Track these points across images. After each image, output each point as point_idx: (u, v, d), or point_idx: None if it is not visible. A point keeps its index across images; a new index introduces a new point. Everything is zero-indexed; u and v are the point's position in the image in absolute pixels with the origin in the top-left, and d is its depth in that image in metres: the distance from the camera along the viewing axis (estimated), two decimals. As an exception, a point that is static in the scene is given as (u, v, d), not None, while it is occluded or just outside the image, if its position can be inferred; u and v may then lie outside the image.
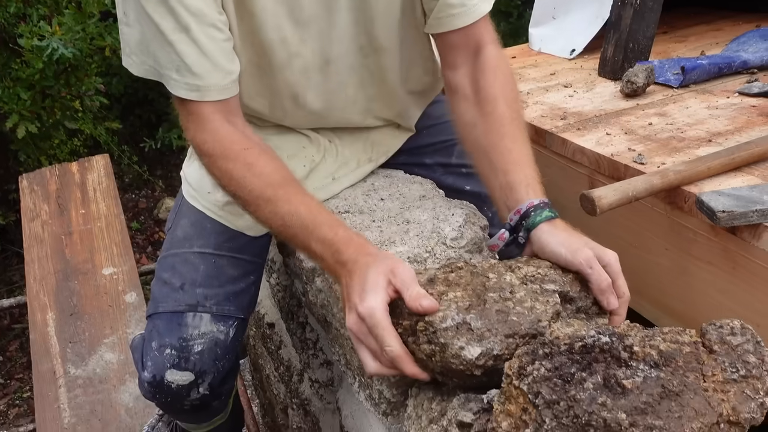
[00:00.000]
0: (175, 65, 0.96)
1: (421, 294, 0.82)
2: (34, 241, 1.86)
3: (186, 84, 0.97)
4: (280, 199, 0.95)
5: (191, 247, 1.16)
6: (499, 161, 1.01)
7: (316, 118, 1.17)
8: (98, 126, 3.22)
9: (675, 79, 1.59)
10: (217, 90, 0.98)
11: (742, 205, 1.03)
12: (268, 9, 1.00)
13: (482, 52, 1.07)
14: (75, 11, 2.64)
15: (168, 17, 0.93)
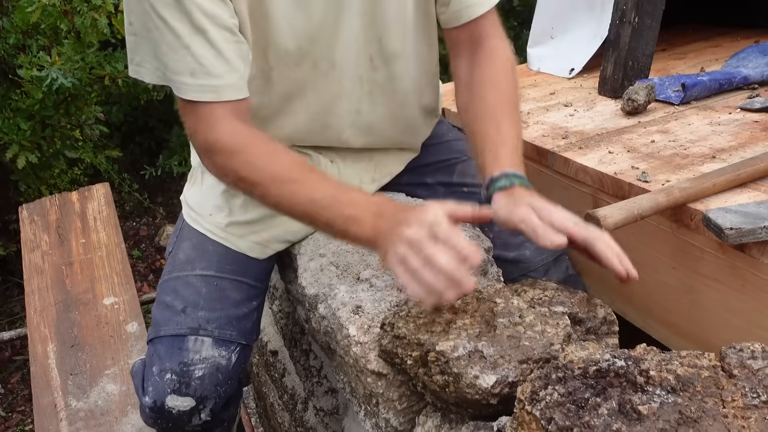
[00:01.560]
0: (190, 69, 0.96)
1: None
2: (34, 272, 1.84)
3: (200, 86, 0.96)
4: (307, 178, 0.96)
5: (193, 269, 1.15)
6: (479, 144, 1.06)
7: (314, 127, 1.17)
8: (98, 154, 3.22)
9: (676, 96, 1.59)
10: (232, 90, 0.99)
11: (750, 221, 1.01)
12: (282, 11, 1.01)
13: (486, 42, 1.13)
14: (74, 41, 2.65)
15: (183, 20, 0.94)
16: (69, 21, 2.60)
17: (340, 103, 1.14)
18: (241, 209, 1.18)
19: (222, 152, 0.98)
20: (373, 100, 1.17)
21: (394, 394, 0.94)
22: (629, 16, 1.66)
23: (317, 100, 1.13)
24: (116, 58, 2.85)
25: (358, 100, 1.15)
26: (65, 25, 2.62)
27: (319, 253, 1.16)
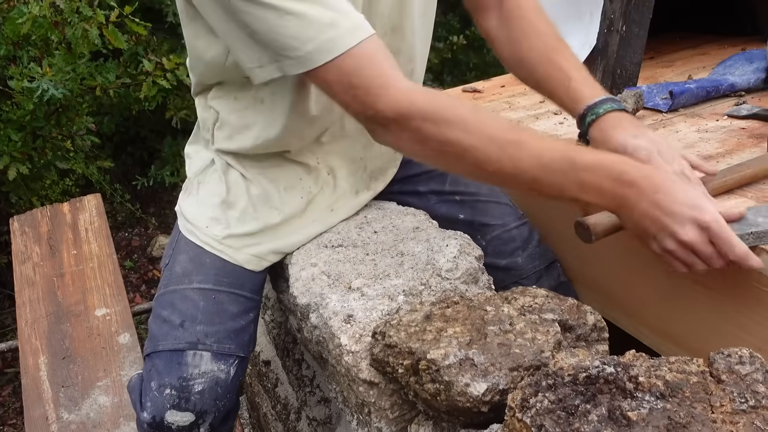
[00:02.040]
0: (308, 35, 0.87)
1: None
2: (25, 284, 1.83)
3: (330, 41, 0.86)
4: (527, 137, 0.88)
5: (190, 282, 1.14)
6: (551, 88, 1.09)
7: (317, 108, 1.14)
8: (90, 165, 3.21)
9: (664, 104, 1.60)
10: (365, 26, 0.90)
11: (737, 227, 1.02)
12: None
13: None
14: (65, 52, 2.65)
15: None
16: (60, 32, 2.60)
17: None
18: (238, 222, 1.18)
19: (414, 114, 0.87)
20: None
21: (386, 403, 0.94)
22: (617, 24, 1.68)
23: None
24: (107, 68, 2.85)
25: None
26: (56, 36, 2.62)
27: (310, 262, 1.16)
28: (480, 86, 2.04)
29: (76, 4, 2.54)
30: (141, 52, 2.94)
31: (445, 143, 0.88)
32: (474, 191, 1.33)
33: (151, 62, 2.77)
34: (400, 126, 0.89)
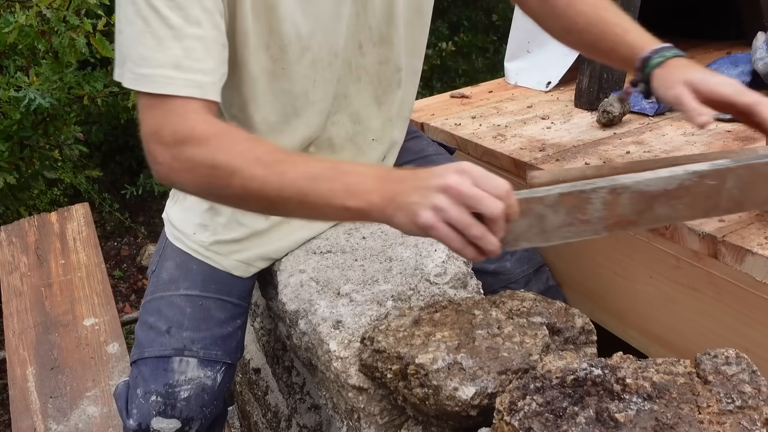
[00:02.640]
0: (176, 62, 0.89)
1: None
2: (12, 295, 1.82)
3: (186, 80, 0.90)
4: (296, 157, 0.89)
5: (177, 289, 1.14)
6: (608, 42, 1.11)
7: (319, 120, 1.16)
8: (78, 175, 3.20)
9: (650, 108, 1.61)
10: (214, 90, 0.93)
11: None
12: (287, 4, 1.00)
13: None
14: (52, 61, 2.64)
15: (179, 11, 0.89)
16: (47, 41, 2.59)
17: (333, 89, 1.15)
18: (225, 228, 1.18)
19: (195, 141, 0.88)
20: (360, 86, 1.17)
21: (375, 409, 0.94)
22: (603, 29, 1.69)
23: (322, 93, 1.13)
24: (95, 77, 2.84)
25: (346, 85, 1.16)
26: (43, 45, 2.61)
27: (299, 268, 1.16)
28: (468, 92, 2.05)
29: (62, 13, 2.53)
30: (129, 60, 2.93)
31: (213, 167, 0.87)
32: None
33: (139, 71, 2.76)
34: (176, 150, 0.90)
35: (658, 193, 0.89)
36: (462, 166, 0.80)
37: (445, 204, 0.77)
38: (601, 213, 0.88)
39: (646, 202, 0.89)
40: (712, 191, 0.91)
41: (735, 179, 0.91)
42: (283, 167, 0.86)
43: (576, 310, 0.96)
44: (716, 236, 1.06)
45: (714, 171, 0.90)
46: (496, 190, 0.78)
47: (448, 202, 0.77)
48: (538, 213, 0.86)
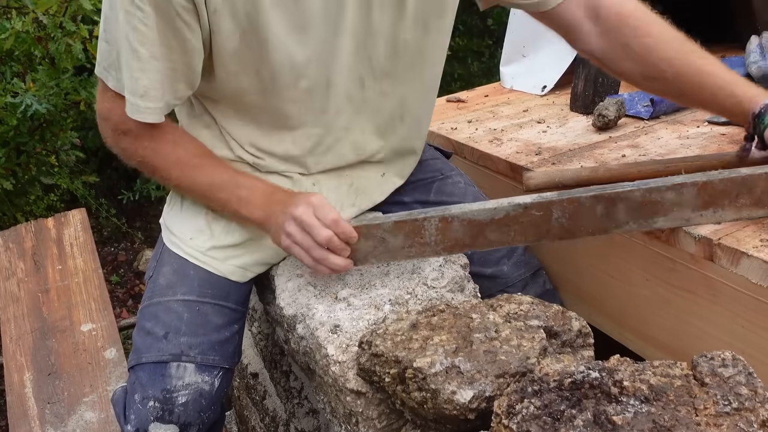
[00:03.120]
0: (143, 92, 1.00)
1: None
2: (10, 300, 1.82)
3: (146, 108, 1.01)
4: (207, 163, 1.08)
5: (174, 294, 1.14)
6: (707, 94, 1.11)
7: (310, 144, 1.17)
8: (75, 180, 3.19)
9: (645, 111, 1.62)
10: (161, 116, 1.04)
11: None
12: (280, 35, 1.00)
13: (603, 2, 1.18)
14: (48, 67, 2.64)
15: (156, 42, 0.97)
16: (43, 47, 2.59)
17: (333, 120, 1.14)
18: (222, 233, 1.18)
19: (132, 135, 1.05)
20: (360, 119, 1.17)
21: (373, 413, 0.94)
22: (598, 33, 1.70)
23: (313, 118, 1.13)
24: (92, 83, 2.84)
25: (347, 118, 1.15)
26: (39, 51, 2.61)
27: (296, 273, 1.16)
28: (464, 96, 2.06)
29: (59, 20, 2.53)
30: (125, 66, 2.93)
31: (142, 162, 1.09)
32: (458, 201, 1.34)
33: (136, 76, 2.76)
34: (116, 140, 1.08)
35: (487, 221, 1.02)
36: (311, 198, 1.01)
37: (293, 230, 1.01)
38: (437, 237, 1.02)
39: (478, 228, 1.02)
40: (540, 220, 1.01)
41: (561, 210, 1.01)
42: (194, 173, 1.08)
43: (573, 313, 0.97)
44: (712, 239, 1.06)
45: (538, 203, 1.00)
46: (324, 219, 0.99)
47: (296, 229, 1.00)
48: (380, 236, 1.02)
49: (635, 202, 1.01)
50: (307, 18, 1.01)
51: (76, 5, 2.54)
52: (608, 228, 1.02)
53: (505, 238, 1.02)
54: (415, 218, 1.01)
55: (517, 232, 1.02)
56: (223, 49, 1.01)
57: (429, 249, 1.03)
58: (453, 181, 1.37)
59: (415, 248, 1.03)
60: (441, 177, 1.37)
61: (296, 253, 1.02)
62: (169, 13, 0.95)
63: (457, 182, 1.37)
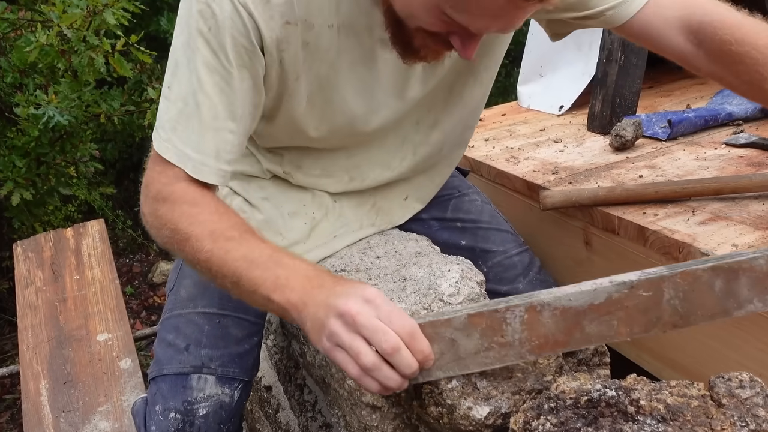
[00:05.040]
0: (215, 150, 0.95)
1: None
2: (27, 309, 1.84)
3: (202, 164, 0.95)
4: (246, 238, 0.90)
5: (195, 307, 1.15)
6: None
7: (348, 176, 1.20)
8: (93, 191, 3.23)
9: (663, 132, 1.62)
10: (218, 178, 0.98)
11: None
12: (347, 98, 1.05)
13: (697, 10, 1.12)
14: (71, 80, 2.69)
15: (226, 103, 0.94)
16: (66, 60, 2.64)
17: (378, 156, 1.19)
18: None
19: (170, 202, 0.94)
20: (404, 157, 1.21)
21: (388, 427, 0.94)
22: (616, 54, 1.71)
23: (355, 156, 1.18)
24: (112, 96, 2.88)
25: (392, 156, 1.20)
26: (62, 64, 2.65)
27: (313, 287, 1.17)
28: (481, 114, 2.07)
29: (83, 33, 2.58)
30: (145, 80, 2.97)
31: (174, 230, 0.93)
32: (475, 218, 1.35)
33: (156, 90, 2.81)
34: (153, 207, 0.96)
35: (583, 308, 0.79)
36: (366, 291, 0.77)
37: (338, 329, 0.75)
38: (522, 335, 0.79)
39: (573, 319, 0.79)
40: (650, 303, 0.80)
41: (673, 289, 0.80)
42: (230, 245, 0.89)
43: (589, 332, 0.96)
44: (729, 260, 1.06)
45: (646, 281, 0.79)
46: (393, 323, 0.74)
47: (342, 328, 0.75)
48: (449, 338, 0.78)
49: (761, 273, 0.81)
50: (375, 84, 1.05)
51: (99, 19, 2.59)
52: (729, 309, 0.82)
53: (607, 330, 0.80)
54: (495, 309, 0.78)
55: (622, 322, 0.80)
56: (289, 109, 1.04)
57: (512, 352, 0.79)
58: (470, 199, 1.38)
59: (493, 352, 0.79)
60: (458, 194, 1.38)
61: (339, 360, 0.76)
62: (253, 75, 0.95)
63: (474, 200, 1.38)
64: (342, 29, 0.99)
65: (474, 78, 1.17)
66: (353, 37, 1.00)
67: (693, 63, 1.15)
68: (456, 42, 0.88)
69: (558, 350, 0.81)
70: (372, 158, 1.19)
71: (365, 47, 1.02)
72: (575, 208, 1.33)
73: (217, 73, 0.92)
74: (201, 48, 0.92)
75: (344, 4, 0.97)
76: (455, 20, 0.83)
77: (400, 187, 1.27)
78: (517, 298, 0.79)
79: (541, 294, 0.79)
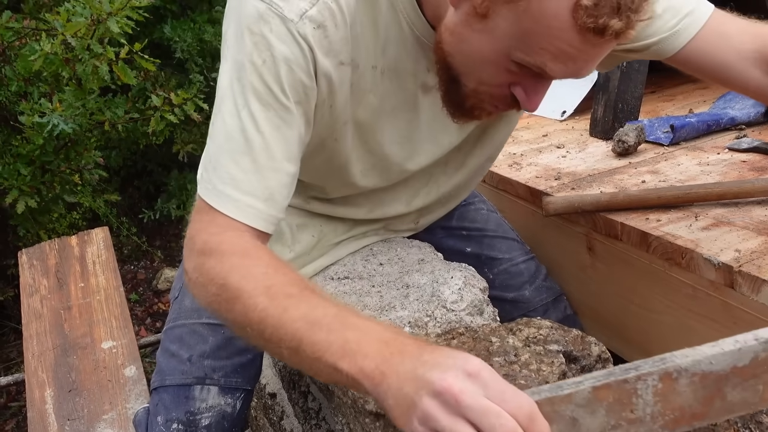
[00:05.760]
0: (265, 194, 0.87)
1: None
2: (32, 317, 1.84)
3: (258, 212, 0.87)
4: (307, 296, 0.77)
5: (200, 317, 1.15)
6: None
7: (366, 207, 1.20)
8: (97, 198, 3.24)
9: (665, 137, 1.63)
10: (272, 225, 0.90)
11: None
12: (384, 143, 1.05)
13: None
14: (75, 88, 2.70)
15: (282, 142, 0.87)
16: (71, 68, 2.65)
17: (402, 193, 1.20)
18: None
19: (218, 254, 0.83)
20: (428, 193, 1.22)
21: (392, 435, 0.94)
22: (618, 60, 1.71)
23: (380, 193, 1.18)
24: (116, 103, 2.89)
25: (415, 193, 1.21)
26: (67, 72, 2.66)
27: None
28: (483, 120, 2.07)
29: (87, 42, 2.59)
30: (149, 87, 2.98)
31: (222, 285, 0.81)
32: (481, 227, 1.35)
33: (159, 97, 2.82)
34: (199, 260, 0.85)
35: (725, 373, 0.67)
36: (474, 366, 0.61)
37: (436, 412, 0.60)
38: (655, 408, 0.67)
39: (714, 386, 0.67)
40: None
41: None
42: (288, 303, 0.76)
43: (592, 338, 0.97)
44: (732, 266, 1.06)
45: None
46: (518, 410, 0.59)
47: (441, 411, 0.60)
48: (569, 416, 0.65)
49: None
50: (415, 131, 1.05)
51: (103, 28, 2.60)
52: None
53: (752, 396, 0.68)
54: (624, 378, 0.65)
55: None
56: (333, 150, 1.02)
57: (642, 429, 0.67)
58: (476, 208, 1.38)
59: (620, 430, 0.67)
60: (464, 204, 1.38)
61: None
62: (306, 113, 0.89)
63: (480, 209, 1.39)
64: (386, 72, 0.95)
65: (507, 120, 1.17)
66: (396, 81, 0.97)
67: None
68: (520, 94, 0.85)
69: (695, 424, 0.69)
70: (396, 195, 1.19)
71: (408, 92, 0.99)
72: (578, 214, 1.33)
73: (272, 109, 0.85)
74: (254, 81, 0.84)
75: (391, 46, 0.93)
76: (526, 65, 0.80)
77: (414, 214, 1.27)
78: (648, 363, 0.67)
79: (676, 358, 0.67)
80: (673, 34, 1.06)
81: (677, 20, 1.05)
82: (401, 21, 0.91)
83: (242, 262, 0.81)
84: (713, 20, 1.06)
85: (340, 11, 0.86)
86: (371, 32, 0.91)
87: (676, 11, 1.05)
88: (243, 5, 0.85)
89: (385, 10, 0.90)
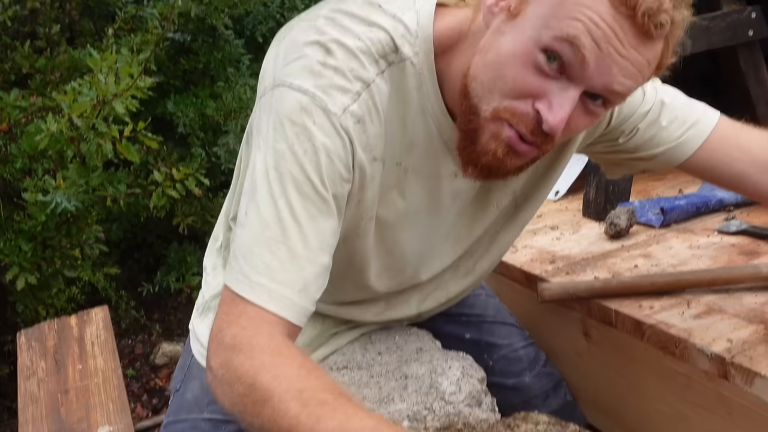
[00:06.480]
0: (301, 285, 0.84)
1: None
2: (29, 401, 1.83)
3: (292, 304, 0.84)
4: (342, 403, 0.74)
5: (201, 412, 1.13)
6: None
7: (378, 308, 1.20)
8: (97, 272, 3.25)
9: (656, 219, 1.66)
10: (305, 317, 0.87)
11: None
12: (405, 246, 1.05)
13: None
14: (79, 166, 2.75)
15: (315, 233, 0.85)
16: (75, 146, 2.70)
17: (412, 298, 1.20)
18: None
19: (248, 350, 0.79)
20: (436, 298, 1.23)
21: None
22: (607, 144, 1.76)
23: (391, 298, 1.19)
24: (119, 178, 2.93)
25: (424, 298, 1.22)
26: (71, 150, 2.72)
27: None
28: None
29: (92, 121, 2.65)
30: (151, 161, 3.04)
31: (251, 385, 0.77)
32: (479, 313, 1.37)
33: (162, 173, 2.87)
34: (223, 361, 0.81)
35: None
36: None
37: None
38: None
39: None
40: None
41: None
42: (322, 411, 0.72)
43: (589, 434, 0.97)
44: (725, 357, 1.08)
45: None
46: None
47: None
48: None
49: None
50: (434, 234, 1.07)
51: (109, 108, 2.67)
52: None
53: None
54: None
55: None
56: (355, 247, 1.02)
57: None
58: (475, 293, 1.39)
59: None
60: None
61: None
62: (340, 206, 0.88)
63: (479, 294, 1.40)
64: (410, 171, 0.96)
65: (517, 226, 1.19)
66: (421, 182, 0.98)
67: None
68: (543, 107, 0.81)
69: None
70: (406, 299, 1.20)
71: (432, 195, 1.00)
72: (573, 300, 1.35)
73: (310, 199, 0.84)
74: (294, 170, 0.83)
75: (418, 147, 0.94)
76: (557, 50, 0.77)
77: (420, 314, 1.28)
78: None
79: None
80: (679, 144, 1.10)
81: (682, 131, 1.10)
82: (429, 124, 0.94)
83: (274, 361, 0.78)
84: (720, 128, 1.10)
85: (376, 108, 0.88)
86: (399, 130, 0.93)
87: (681, 122, 1.10)
88: (283, 97, 0.85)
89: (414, 110, 0.92)
